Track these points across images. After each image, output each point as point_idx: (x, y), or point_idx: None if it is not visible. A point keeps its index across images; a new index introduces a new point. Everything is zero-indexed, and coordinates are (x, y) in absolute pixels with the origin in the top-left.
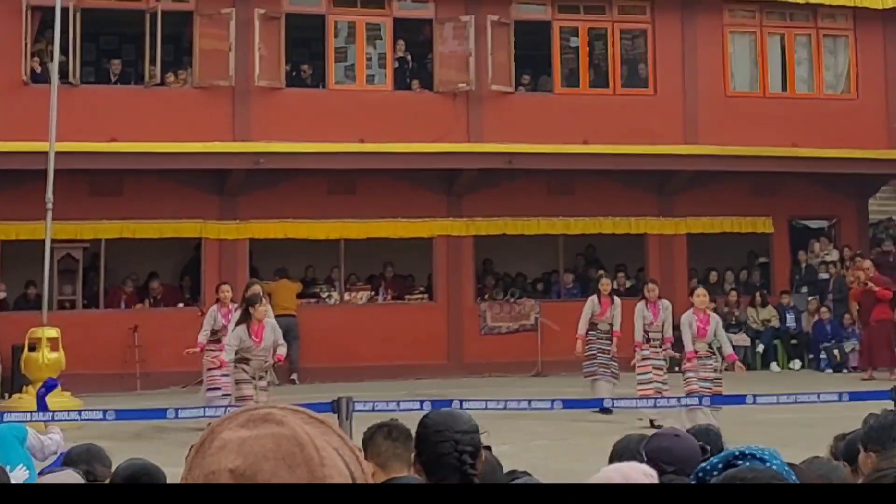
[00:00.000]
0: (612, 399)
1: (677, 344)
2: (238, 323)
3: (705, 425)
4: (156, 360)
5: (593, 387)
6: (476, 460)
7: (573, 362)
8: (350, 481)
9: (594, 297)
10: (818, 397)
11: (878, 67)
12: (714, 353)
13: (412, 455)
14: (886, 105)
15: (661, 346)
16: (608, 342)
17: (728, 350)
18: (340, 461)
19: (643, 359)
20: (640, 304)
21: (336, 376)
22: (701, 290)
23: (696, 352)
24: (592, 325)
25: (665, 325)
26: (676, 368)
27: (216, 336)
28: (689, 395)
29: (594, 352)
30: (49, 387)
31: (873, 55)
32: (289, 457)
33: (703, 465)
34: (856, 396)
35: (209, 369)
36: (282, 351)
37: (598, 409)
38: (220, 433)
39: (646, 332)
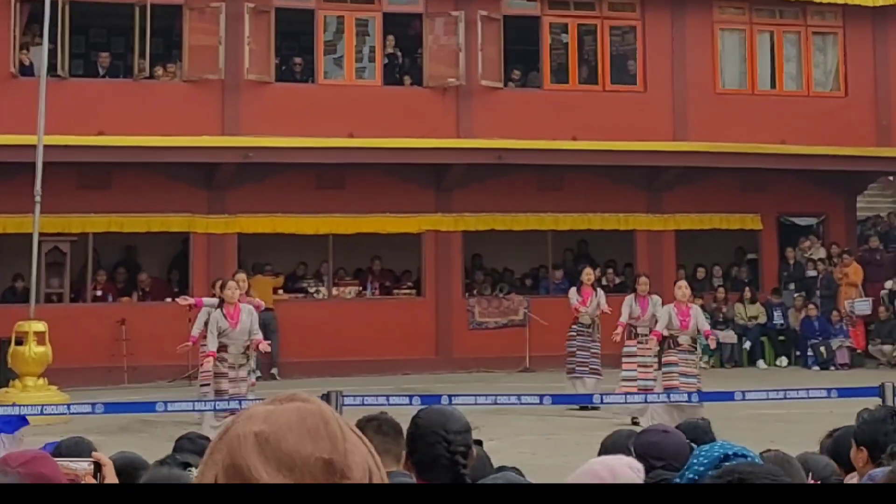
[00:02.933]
0: (600, 395)
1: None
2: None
3: (694, 420)
4: (143, 354)
5: (573, 384)
6: (468, 460)
7: (561, 358)
8: (367, 467)
9: (631, 297)
10: (807, 393)
11: (867, 65)
12: (696, 349)
13: (402, 451)
14: (875, 102)
15: (648, 345)
16: (589, 338)
17: (704, 327)
18: (361, 445)
19: (629, 355)
20: (630, 297)
21: (323, 371)
22: (682, 283)
23: (670, 336)
24: (574, 320)
25: (653, 320)
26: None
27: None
28: (669, 389)
29: (573, 349)
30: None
31: (862, 53)
32: (313, 429)
33: (692, 468)
34: (844, 393)
35: (202, 365)
36: (258, 336)
37: (580, 406)
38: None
39: (633, 326)
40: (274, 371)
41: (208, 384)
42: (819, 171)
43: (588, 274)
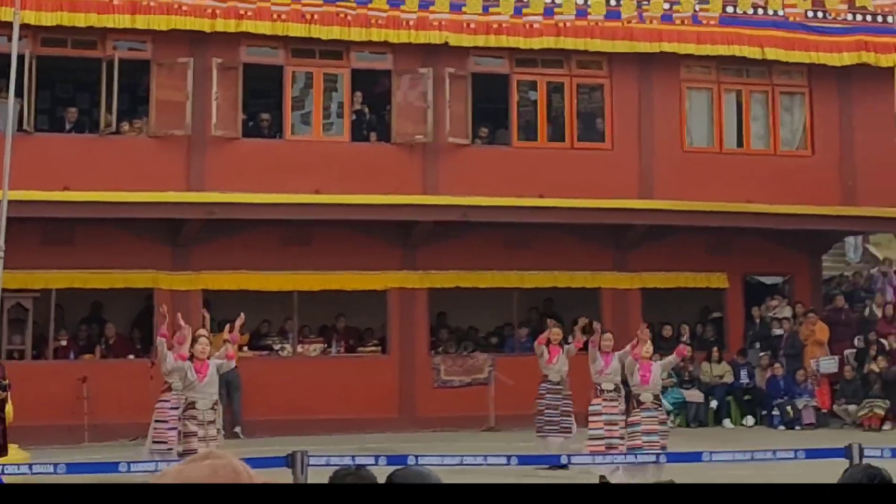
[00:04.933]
0: (568, 455)
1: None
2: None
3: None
4: (105, 412)
5: (542, 443)
6: None
7: (526, 417)
8: None
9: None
10: (774, 454)
11: (833, 124)
12: (660, 406)
13: None
14: (841, 161)
15: (616, 400)
16: (559, 396)
17: (672, 356)
18: None
19: (595, 413)
20: (594, 350)
21: (286, 430)
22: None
23: (634, 396)
24: (544, 377)
25: (618, 376)
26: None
27: (167, 385)
28: (633, 449)
29: (542, 407)
30: None
31: (828, 112)
32: (223, 482)
33: None
34: (811, 454)
35: (157, 421)
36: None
37: (549, 466)
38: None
39: (597, 384)
40: (237, 430)
41: (164, 442)
42: (785, 230)
43: (557, 333)
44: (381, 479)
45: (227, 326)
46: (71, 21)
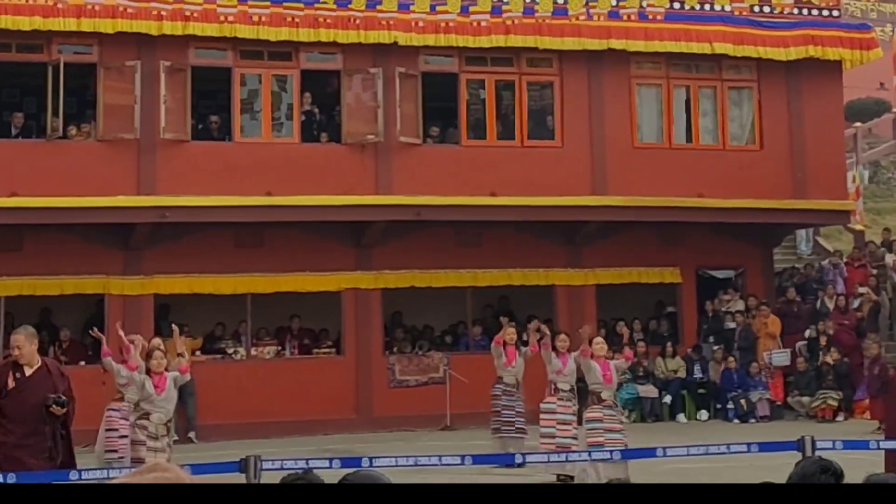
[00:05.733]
0: (523, 454)
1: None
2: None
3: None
4: None
5: (498, 444)
6: None
7: (482, 415)
8: None
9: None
10: (728, 448)
11: (781, 118)
12: (617, 404)
13: None
14: (790, 155)
15: (570, 400)
16: (513, 398)
17: (620, 361)
18: None
19: (548, 412)
20: (549, 351)
21: (242, 433)
22: (598, 339)
23: (594, 392)
24: (498, 379)
25: (573, 375)
26: None
27: (120, 395)
28: (595, 446)
29: (498, 408)
30: None
31: (777, 106)
32: None
33: None
34: (764, 447)
35: (108, 430)
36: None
37: (504, 465)
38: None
39: (553, 382)
40: (191, 435)
41: (115, 451)
42: (736, 223)
43: (511, 333)
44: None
45: (174, 330)
46: (15, 25)
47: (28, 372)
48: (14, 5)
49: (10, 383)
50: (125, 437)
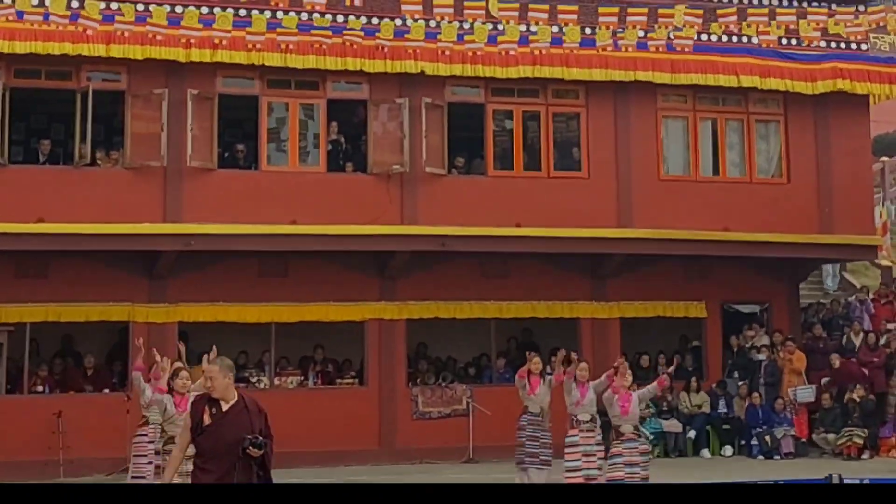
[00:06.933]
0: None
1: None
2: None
3: None
4: (80, 447)
5: (522, 475)
6: None
7: (505, 448)
8: None
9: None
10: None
11: (809, 152)
12: (640, 435)
13: None
14: (817, 189)
15: (592, 430)
16: (540, 428)
17: (652, 385)
18: None
19: (572, 445)
20: (570, 380)
21: None
22: (625, 369)
23: (613, 427)
24: (524, 409)
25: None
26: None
27: (144, 419)
28: (614, 480)
29: (523, 439)
30: None
31: (804, 140)
32: None
33: None
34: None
35: (136, 456)
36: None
37: None
38: None
39: (573, 415)
40: None
41: (142, 476)
42: (762, 258)
43: (536, 363)
44: None
45: (204, 358)
46: (45, 50)
47: (224, 407)
48: (44, 31)
49: (207, 419)
50: (152, 463)
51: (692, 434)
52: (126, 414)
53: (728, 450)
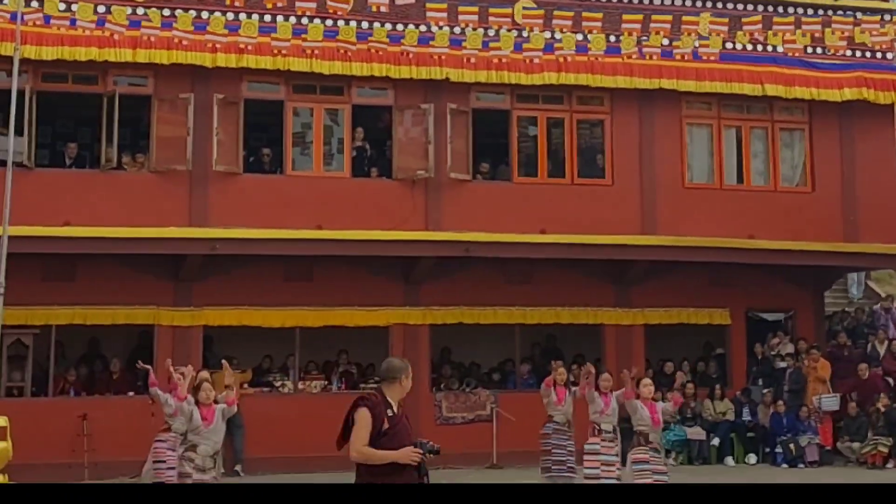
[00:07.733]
0: None
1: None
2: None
3: None
4: (105, 449)
5: (547, 483)
6: None
7: (529, 454)
8: None
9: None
10: None
11: (833, 160)
12: (662, 447)
13: None
14: (842, 197)
15: (613, 441)
16: (564, 436)
17: (668, 405)
18: None
19: (592, 453)
20: (593, 391)
21: (288, 467)
22: (646, 380)
23: (640, 433)
24: (549, 418)
25: (616, 415)
26: None
27: (167, 425)
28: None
29: (549, 447)
30: None
31: (829, 148)
32: None
33: None
34: None
35: (155, 461)
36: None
37: None
38: None
39: (595, 423)
40: (238, 468)
41: (162, 482)
42: (787, 266)
43: (561, 373)
44: None
45: (224, 364)
46: (72, 55)
47: (397, 411)
48: (70, 36)
49: (386, 423)
50: (172, 468)
51: (716, 441)
52: (151, 417)
53: (752, 458)
